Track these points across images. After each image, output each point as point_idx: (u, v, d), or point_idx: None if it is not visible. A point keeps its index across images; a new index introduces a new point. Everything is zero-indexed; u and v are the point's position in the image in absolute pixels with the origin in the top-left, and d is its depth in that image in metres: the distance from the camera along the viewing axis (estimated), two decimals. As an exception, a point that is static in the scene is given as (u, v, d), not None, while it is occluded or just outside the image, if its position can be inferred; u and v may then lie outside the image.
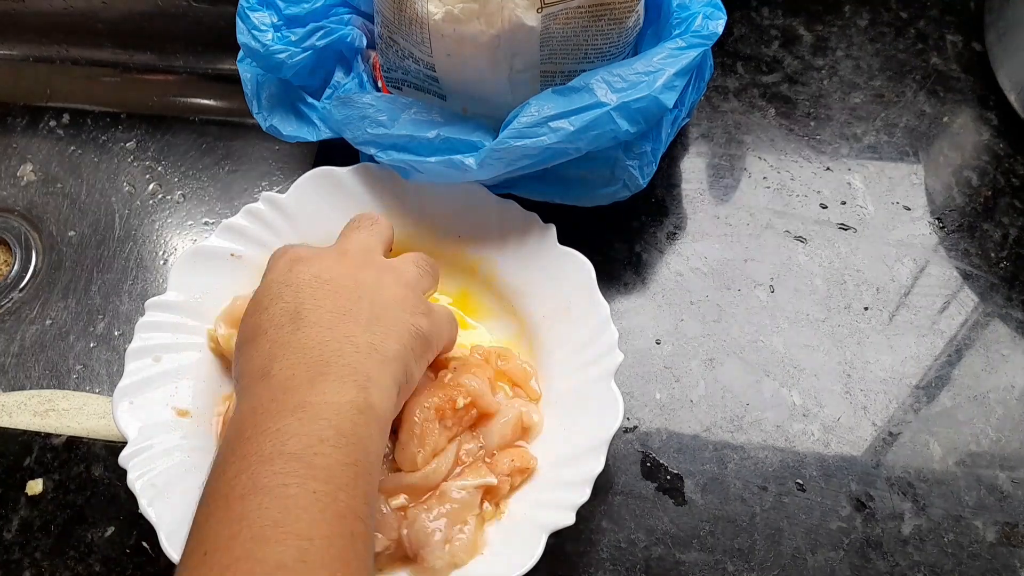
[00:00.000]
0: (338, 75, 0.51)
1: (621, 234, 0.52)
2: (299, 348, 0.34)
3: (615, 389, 0.41)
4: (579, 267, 0.45)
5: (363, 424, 0.33)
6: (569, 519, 0.38)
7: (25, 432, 0.48)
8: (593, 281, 0.44)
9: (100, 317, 0.52)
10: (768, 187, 0.54)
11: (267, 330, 0.36)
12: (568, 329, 0.44)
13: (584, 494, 0.39)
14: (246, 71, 0.50)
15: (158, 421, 0.42)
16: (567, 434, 0.42)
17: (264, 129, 0.50)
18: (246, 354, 0.36)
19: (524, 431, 0.42)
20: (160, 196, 0.57)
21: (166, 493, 0.40)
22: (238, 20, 0.49)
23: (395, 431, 0.40)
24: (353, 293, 0.36)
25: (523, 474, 0.41)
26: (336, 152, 0.52)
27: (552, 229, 0.46)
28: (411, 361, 0.37)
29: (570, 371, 0.43)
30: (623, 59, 0.45)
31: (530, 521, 0.39)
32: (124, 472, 0.40)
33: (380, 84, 0.52)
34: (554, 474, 0.41)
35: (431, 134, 0.45)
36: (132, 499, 0.40)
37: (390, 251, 0.43)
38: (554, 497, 0.40)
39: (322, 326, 0.35)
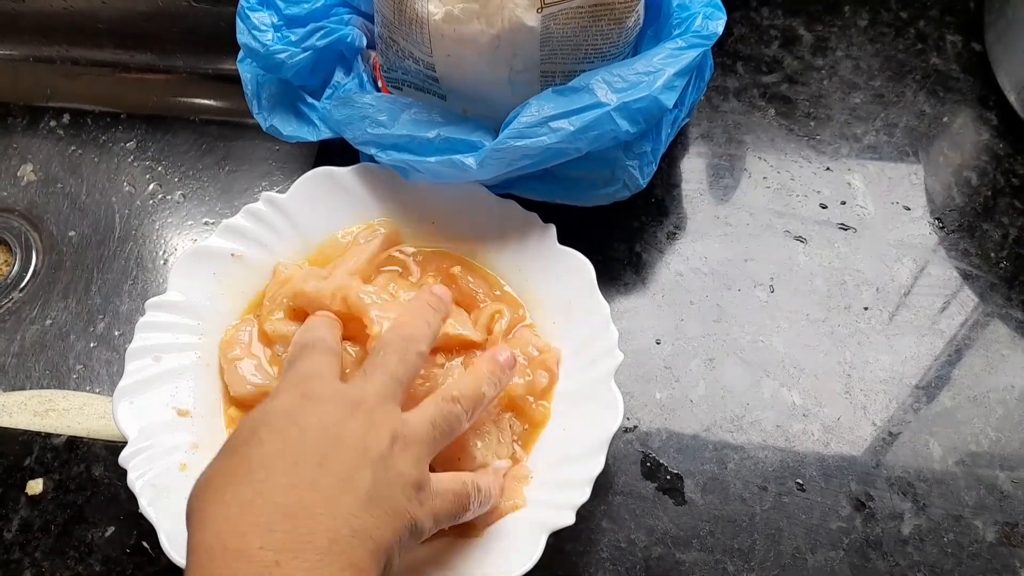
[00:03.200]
0: (338, 75, 0.51)
1: (621, 234, 0.52)
2: (287, 514, 0.30)
3: (615, 389, 0.41)
4: (579, 267, 0.45)
5: None
6: (569, 519, 0.38)
7: (25, 432, 0.48)
8: (593, 281, 0.44)
9: (100, 317, 0.52)
10: (768, 187, 0.54)
11: (255, 470, 0.31)
12: (568, 329, 0.44)
13: (584, 494, 0.39)
14: (246, 71, 0.50)
15: (158, 421, 0.42)
16: (567, 434, 0.42)
17: (264, 129, 0.50)
18: (218, 495, 0.31)
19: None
20: (160, 196, 0.57)
21: (166, 493, 0.40)
22: (238, 20, 0.49)
23: None
24: (361, 459, 0.32)
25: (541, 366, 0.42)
26: (336, 152, 0.52)
27: (552, 229, 0.46)
28: (396, 553, 0.32)
29: (570, 371, 0.43)
30: (623, 59, 0.45)
31: (530, 521, 0.39)
32: (124, 472, 0.40)
33: (380, 84, 0.52)
34: (554, 474, 0.41)
35: (431, 134, 0.45)
36: (132, 499, 0.40)
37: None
38: (554, 497, 0.40)
39: (318, 491, 0.31)
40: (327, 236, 0.48)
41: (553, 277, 0.46)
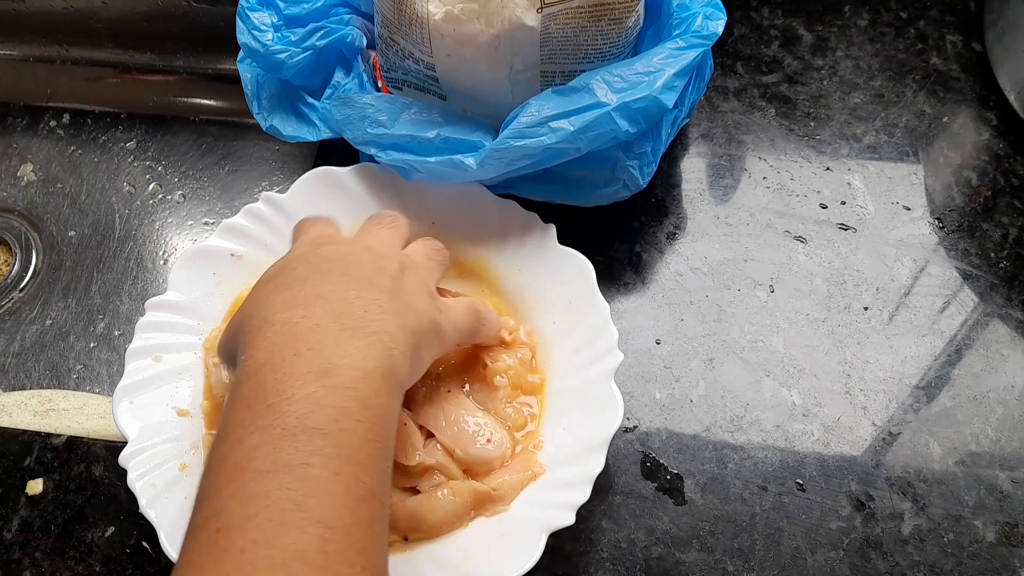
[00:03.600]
0: (338, 75, 0.51)
1: (621, 234, 0.52)
2: (323, 297, 0.34)
3: (615, 389, 0.41)
4: (579, 267, 0.45)
5: (385, 393, 0.32)
6: (569, 519, 0.38)
7: (25, 432, 0.48)
8: (593, 281, 0.44)
9: (100, 317, 0.52)
10: (768, 187, 0.54)
11: (290, 282, 0.35)
12: (568, 329, 0.44)
13: (584, 494, 0.39)
14: (246, 71, 0.50)
15: (158, 421, 0.42)
16: (567, 434, 0.42)
17: (264, 129, 0.50)
18: (259, 300, 0.35)
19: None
20: (160, 196, 0.57)
21: (166, 493, 0.40)
22: (238, 20, 0.49)
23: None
24: (379, 273, 0.36)
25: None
26: (336, 152, 0.52)
27: (552, 229, 0.46)
28: (424, 345, 0.36)
29: (570, 371, 0.43)
30: (623, 59, 0.45)
31: (530, 521, 0.39)
32: (124, 472, 0.40)
33: (380, 84, 0.52)
34: (554, 474, 0.41)
35: (431, 134, 0.45)
36: (132, 499, 0.40)
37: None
38: (554, 497, 0.40)
39: (348, 287, 0.34)
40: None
41: (553, 277, 0.46)
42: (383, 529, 0.31)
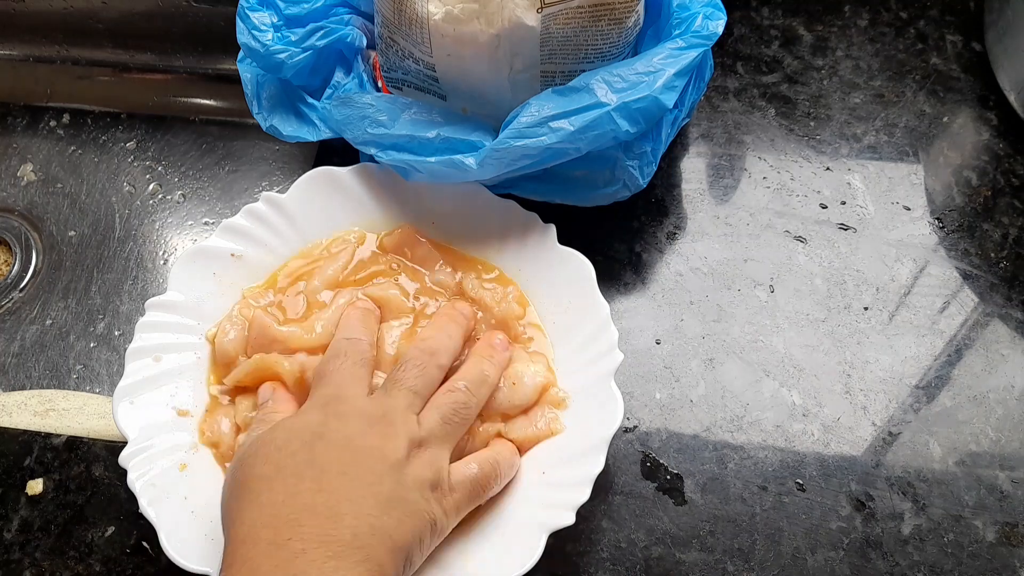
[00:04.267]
0: (338, 75, 0.51)
1: (621, 234, 0.52)
2: (314, 512, 0.33)
3: (615, 389, 0.41)
4: (579, 267, 0.45)
5: None
6: (569, 519, 0.38)
7: (25, 432, 0.48)
8: (593, 281, 0.44)
9: (100, 317, 0.52)
10: (768, 187, 0.54)
11: (286, 476, 0.34)
12: (568, 329, 0.44)
13: (584, 494, 0.39)
14: (246, 71, 0.50)
15: (158, 421, 0.42)
16: (567, 434, 0.42)
17: (264, 129, 0.50)
18: (252, 495, 0.34)
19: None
20: (160, 196, 0.57)
21: (166, 493, 0.40)
22: (238, 20, 0.49)
23: None
24: (379, 466, 0.35)
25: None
26: (336, 152, 0.52)
27: (552, 229, 0.46)
28: (416, 551, 0.35)
29: (570, 371, 0.43)
30: (623, 59, 0.45)
31: (530, 521, 0.39)
32: (124, 472, 0.40)
33: (380, 84, 0.52)
34: (554, 474, 0.41)
35: (431, 134, 0.45)
36: (132, 499, 0.40)
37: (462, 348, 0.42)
38: (554, 497, 0.40)
39: (342, 493, 0.34)
40: (327, 235, 0.48)
41: (553, 277, 0.46)
42: None
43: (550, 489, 0.40)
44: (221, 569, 0.33)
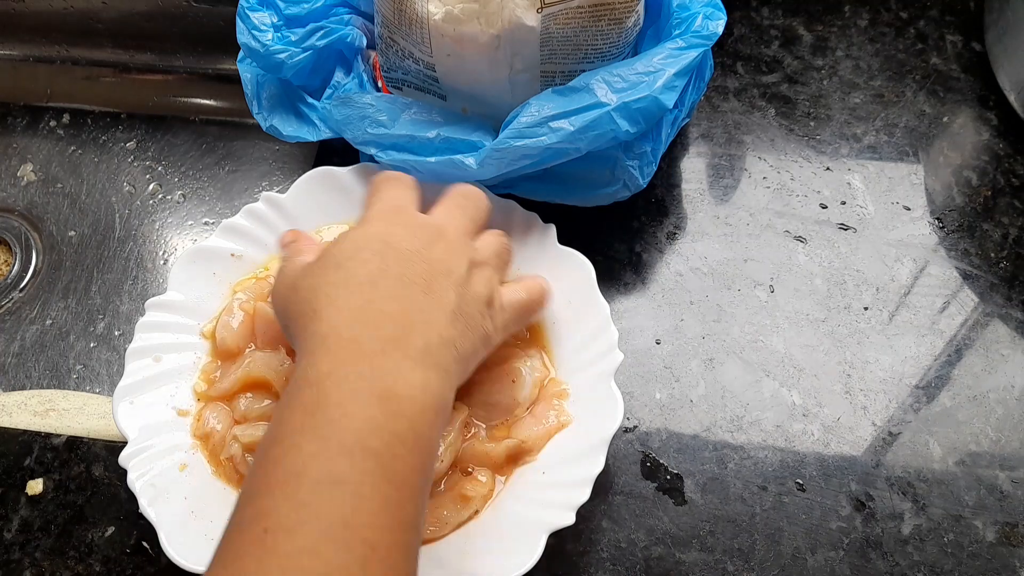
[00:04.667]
0: (338, 75, 0.51)
1: (621, 234, 0.52)
2: (391, 318, 0.34)
3: (615, 389, 0.41)
4: (579, 267, 0.45)
5: (436, 426, 0.33)
6: (569, 519, 0.38)
7: (25, 432, 0.48)
8: (593, 281, 0.44)
9: (100, 317, 0.52)
10: (768, 187, 0.54)
11: (362, 284, 0.35)
12: (568, 329, 0.44)
13: (584, 494, 0.39)
14: (246, 71, 0.50)
15: (158, 421, 0.42)
16: (567, 434, 0.42)
17: (264, 129, 0.50)
18: (330, 298, 0.35)
19: None
20: (160, 196, 0.57)
21: (166, 493, 0.40)
22: (238, 20, 0.49)
23: None
24: (446, 280, 0.36)
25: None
26: (336, 152, 0.52)
27: (552, 229, 0.46)
28: (473, 362, 0.37)
29: (570, 371, 0.43)
30: (623, 59, 0.45)
31: (530, 521, 0.39)
32: (124, 472, 0.40)
33: (380, 84, 0.52)
34: (554, 474, 0.41)
35: (431, 134, 0.45)
36: (132, 499, 0.40)
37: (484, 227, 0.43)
38: (554, 496, 0.40)
39: (414, 303, 0.35)
40: (327, 236, 0.48)
41: (553, 277, 0.45)
42: (416, 558, 0.32)
43: (550, 489, 0.40)
44: (300, 355, 0.34)
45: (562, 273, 0.45)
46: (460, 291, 0.37)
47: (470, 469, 0.41)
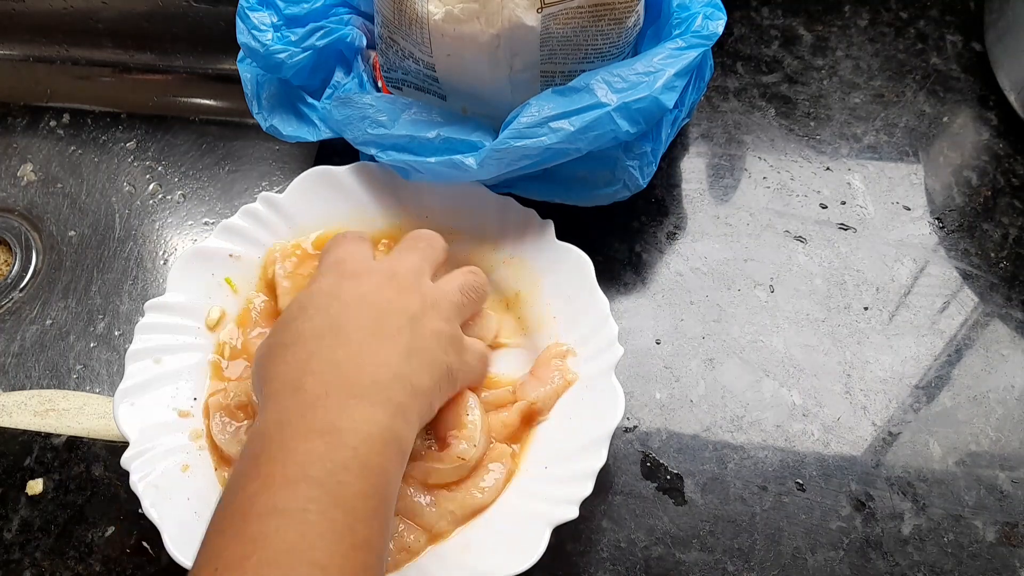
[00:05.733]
0: (338, 75, 0.51)
1: (621, 234, 0.52)
2: (336, 365, 0.35)
3: (616, 383, 0.41)
4: (578, 262, 0.45)
5: (387, 456, 0.34)
6: (573, 513, 0.38)
7: (25, 432, 0.48)
8: (592, 276, 0.44)
9: (100, 317, 0.52)
10: (768, 187, 0.54)
11: (307, 339, 0.36)
12: (568, 324, 0.44)
13: (587, 488, 0.39)
14: (246, 71, 0.50)
15: (159, 422, 0.42)
16: (568, 428, 0.42)
17: (264, 129, 0.50)
18: (279, 358, 0.36)
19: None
20: (160, 196, 0.57)
21: (169, 494, 0.40)
22: (238, 20, 0.49)
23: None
24: (397, 320, 0.37)
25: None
26: (336, 152, 0.52)
27: (550, 225, 0.46)
28: (436, 398, 0.38)
29: (570, 366, 0.43)
30: (623, 59, 0.45)
31: (533, 515, 0.39)
32: (124, 472, 0.40)
33: (380, 84, 0.52)
34: (556, 468, 0.41)
35: (431, 134, 0.45)
36: (132, 499, 0.40)
37: (440, 269, 0.43)
38: (557, 491, 0.40)
39: (363, 347, 0.35)
40: (327, 235, 0.48)
41: (552, 273, 0.46)
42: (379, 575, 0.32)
43: (553, 484, 0.40)
44: (256, 423, 0.35)
45: (561, 268, 0.45)
46: (414, 328, 0.37)
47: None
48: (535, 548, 0.38)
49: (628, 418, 0.47)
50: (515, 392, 0.43)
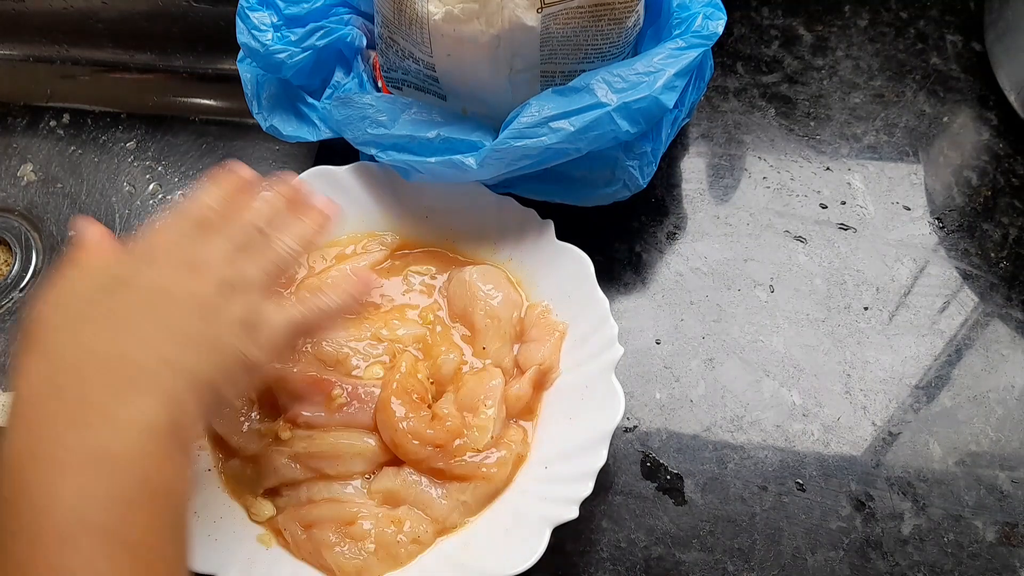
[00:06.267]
0: (338, 75, 0.51)
1: (621, 234, 0.52)
2: (97, 358, 0.30)
3: (616, 382, 0.41)
4: (577, 262, 0.45)
5: (167, 457, 0.30)
6: (572, 512, 0.38)
7: (25, 432, 0.48)
8: (592, 275, 0.44)
9: (100, 317, 0.52)
10: (768, 187, 0.54)
11: (75, 323, 0.32)
12: (567, 323, 0.44)
13: (587, 488, 0.39)
14: (246, 71, 0.50)
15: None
16: (568, 428, 0.42)
17: (264, 129, 0.50)
18: (40, 347, 0.31)
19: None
20: (160, 196, 0.57)
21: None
22: (238, 20, 0.49)
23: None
24: (185, 307, 0.33)
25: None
26: (336, 152, 0.52)
27: (550, 224, 0.46)
28: (226, 386, 0.33)
29: (570, 365, 0.43)
30: (623, 59, 0.45)
31: (533, 515, 0.39)
32: (124, 472, 0.40)
33: (380, 84, 0.52)
34: (556, 468, 0.41)
35: (431, 134, 0.45)
36: (132, 499, 0.39)
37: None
38: (557, 491, 0.40)
39: (132, 338, 0.31)
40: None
41: (552, 272, 0.46)
42: None
43: (553, 483, 0.40)
44: (6, 444, 0.29)
45: (561, 268, 0.45)
46: (203, 315, 0.33)
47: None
48: (535, 548, 0.38)
49: (628, 418, 0.47)
50: (517, 363, 0.44)
